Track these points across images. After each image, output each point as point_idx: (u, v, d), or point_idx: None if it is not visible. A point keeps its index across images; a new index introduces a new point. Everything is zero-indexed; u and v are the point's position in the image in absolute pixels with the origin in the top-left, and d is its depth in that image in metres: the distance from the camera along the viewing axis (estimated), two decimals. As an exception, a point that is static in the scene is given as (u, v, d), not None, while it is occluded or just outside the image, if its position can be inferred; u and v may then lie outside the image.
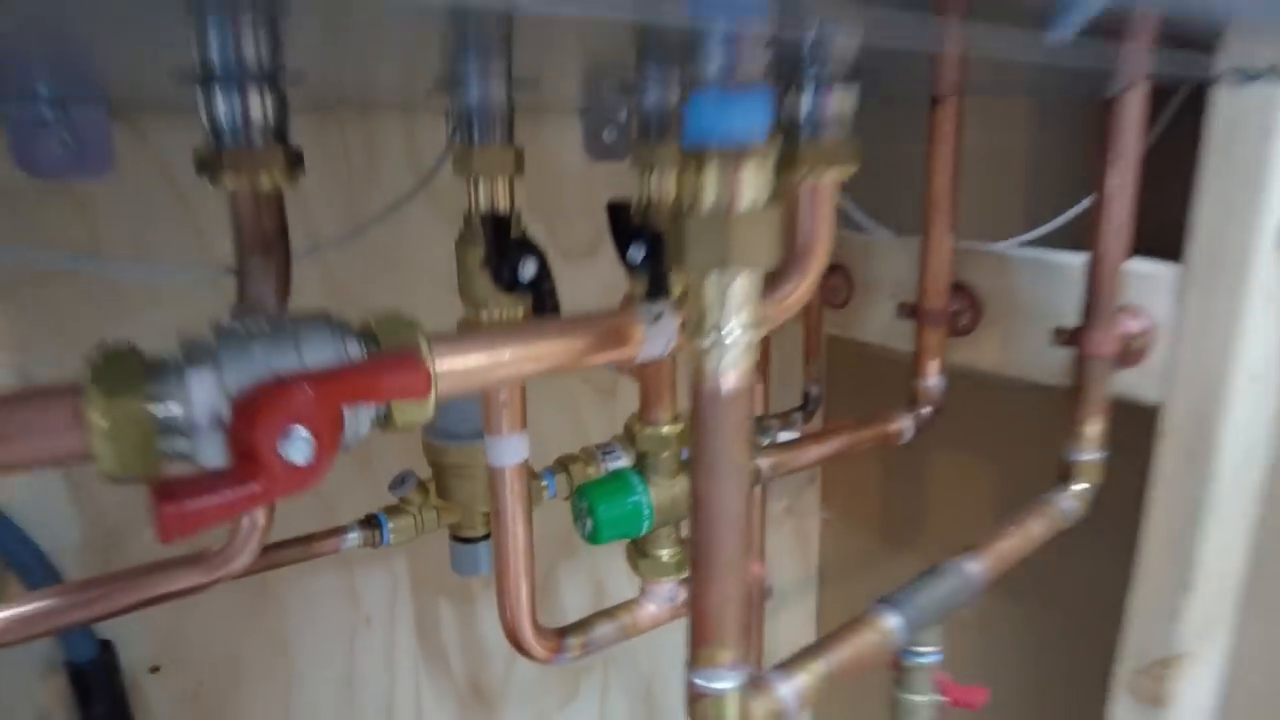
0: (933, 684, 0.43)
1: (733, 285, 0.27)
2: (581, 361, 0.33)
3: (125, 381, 0.22)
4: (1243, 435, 0.51)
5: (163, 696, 0.59)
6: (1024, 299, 0.58)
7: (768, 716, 0.33)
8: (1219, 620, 0.56)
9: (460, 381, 0.28)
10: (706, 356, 0.28)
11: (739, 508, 0.30)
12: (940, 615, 0.41)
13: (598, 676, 0.82)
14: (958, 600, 0.42)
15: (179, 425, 0.22)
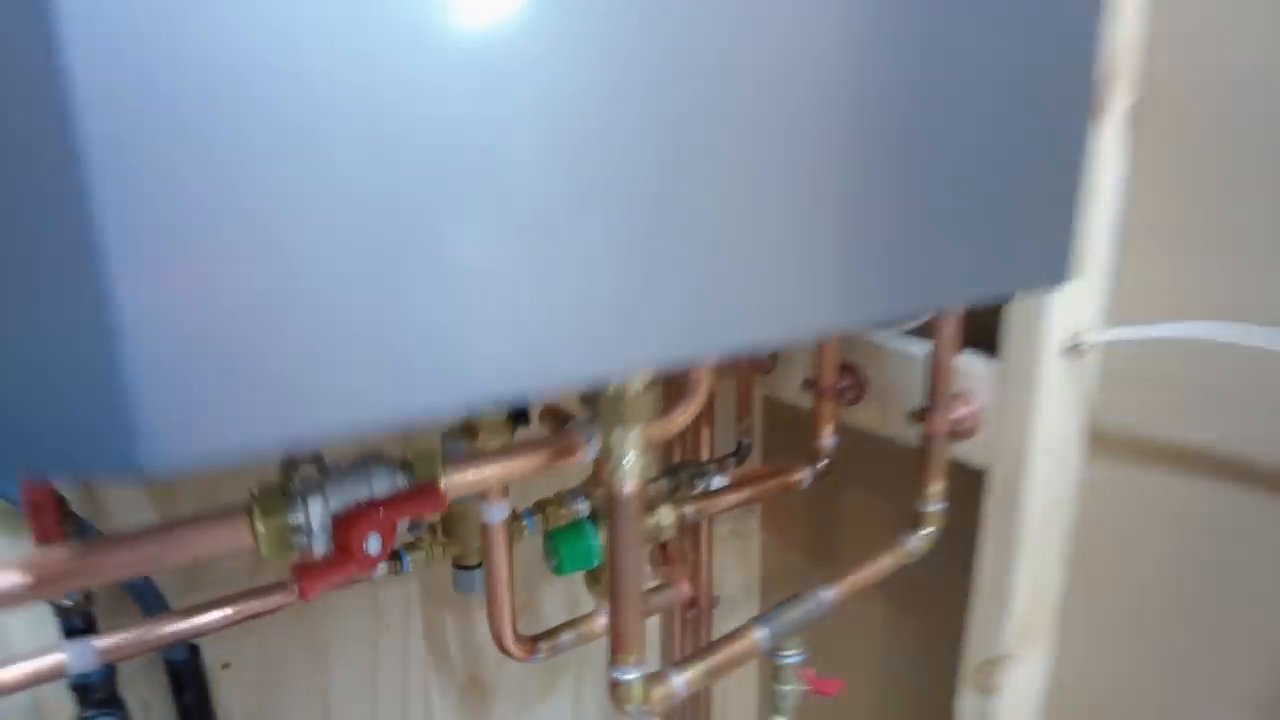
0: (797, 677, 0.60)
1: (628, 434, 0.44)
2: (545, 469, 0.50)
3: (274, 504, 0.40)
4: (1042, 493, 0.68)
5: (232, 687, 0.77)
6: (891, 381, 0.75)
7: (661, 698, 0.50)
8: (1038, 628, 0.74)
9: (464, 490, 0.46)
10: (613, 474, 0.45)
11: (636, 564, 0.47)
12: (799, 629, 0.59)
13: (573, 672, 0.99)
14: (812, 618, 0.60)
15: (303, 530, 0.40)
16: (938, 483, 0.70)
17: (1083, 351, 0.65)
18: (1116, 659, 0.73)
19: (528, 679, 0.96)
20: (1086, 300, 0.65)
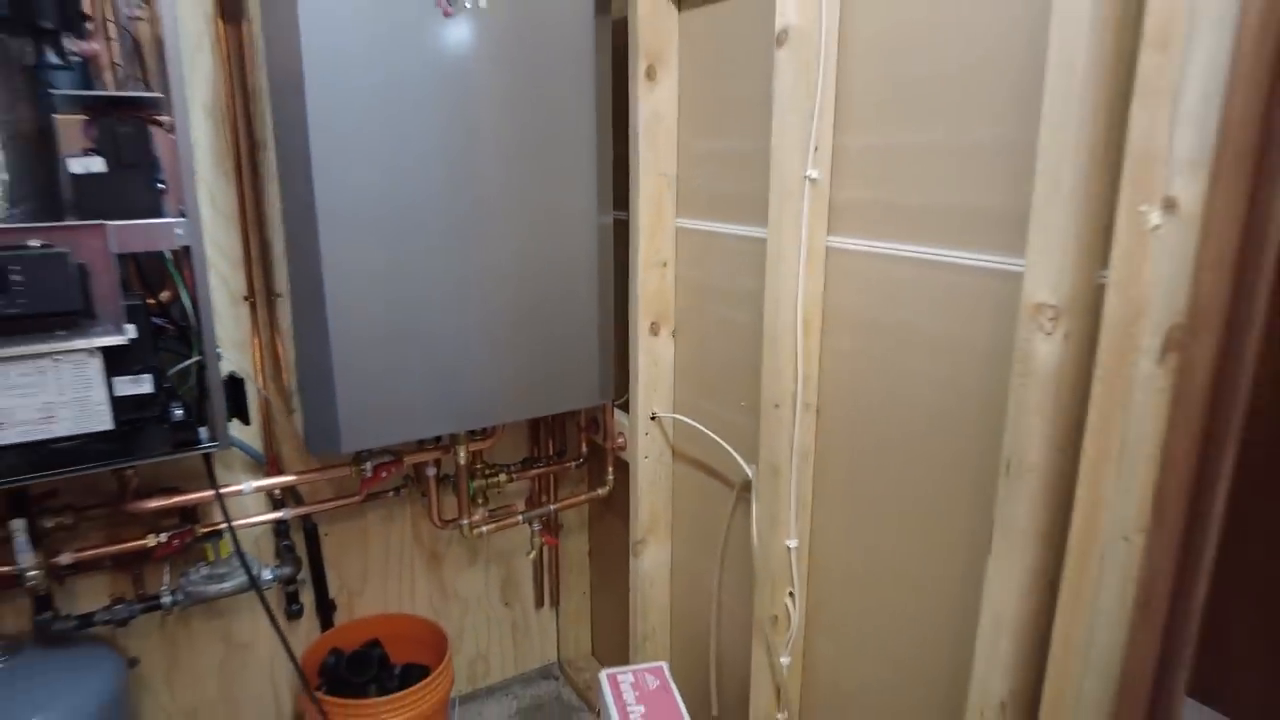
0: (540, 536, 1.65)
1: (461, 446, 1.50)
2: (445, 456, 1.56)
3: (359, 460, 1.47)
4: (647, 471, 1.72)
5: (327, 544, 1.83)
6: (607, 428, 1.80)
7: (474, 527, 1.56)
8: (657, 530, 1.77)
9: (422, 458, 1.52)
10: (457, 460, 1.51)
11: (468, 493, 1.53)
12: (544, 518, 1.64)
13: (484, 546, 2.05)
14: (548, 515, 1.65)
15: (365, 468, 1.46)
16: (610, 468, 1.74)
17: (657, 418, 1.68)
18: (689, 547, 1.75)
19: (460, 553, 2.02)
20: (662, 390, 1.68)
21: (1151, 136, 0.74)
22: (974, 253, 0.99)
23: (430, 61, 1.30)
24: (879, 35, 1.09)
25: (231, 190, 1.58)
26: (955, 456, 1.05)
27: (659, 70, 1.49)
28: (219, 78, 1.52)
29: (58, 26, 1.13)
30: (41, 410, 1.13)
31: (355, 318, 1.33)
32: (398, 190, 1.33)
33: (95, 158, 1.12)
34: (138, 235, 1.15)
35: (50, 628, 1.48)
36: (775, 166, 1.21)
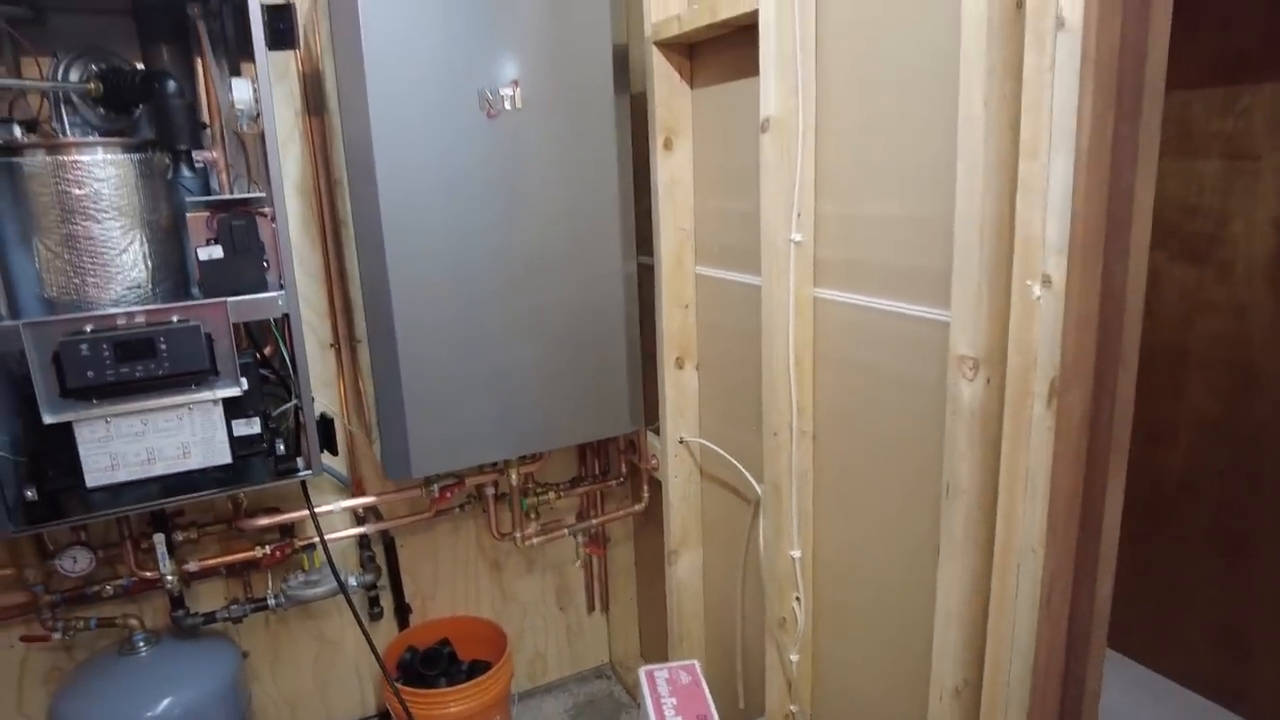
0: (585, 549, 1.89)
1: (514, 470, 1.75)
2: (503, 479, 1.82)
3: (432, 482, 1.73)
4: (678, 489, 1.93)
5: (403, 554, 2.11)
6: (640, 449, 2.02)
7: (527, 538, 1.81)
8: (688, 542, 1.99)
9: (481, 480, 1.78)
10: (509, 481, 1.76)
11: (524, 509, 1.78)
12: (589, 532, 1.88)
13: (539, 565, 2.30)
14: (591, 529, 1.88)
15: (432, 490, 1.72)
16: (646, 486, 1.97)
17: (685, 442, 1.90)
18: (717, 557, 1.96)
19: (517, 561, 2.27)
20: (688, 416, 1.90)
21: (1030, 226, 0.93)
22: (920, 305, 1.19)
23: (479, 151, 1.56)
24: (846, 125, 1.29)
25: (318, 254, 1.88)
26: (918, 477, 1.24)
27: (675, 141, 1.72)
28: (306, 161, 1.82)
29: (189, 146, 1.43)
30: (179, 448, 1.42)
31: (423, 363, 1.59)
32: (455, 254, 1.59)
33: (216, 247, 1.42)
34: (249, 308, 1.44)
35: (183, 623, 1.78)
36: (764, 229, 1.43)
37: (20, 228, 1.40)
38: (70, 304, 1.41)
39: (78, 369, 1.32)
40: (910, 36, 1.15)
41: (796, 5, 1.30)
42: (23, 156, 1.37)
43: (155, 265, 1.45)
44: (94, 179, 1.38)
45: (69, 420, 1.36)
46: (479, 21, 1.53)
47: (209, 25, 1.54)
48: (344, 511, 1.98)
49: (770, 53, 1.34)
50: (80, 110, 1.52)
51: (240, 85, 1.42)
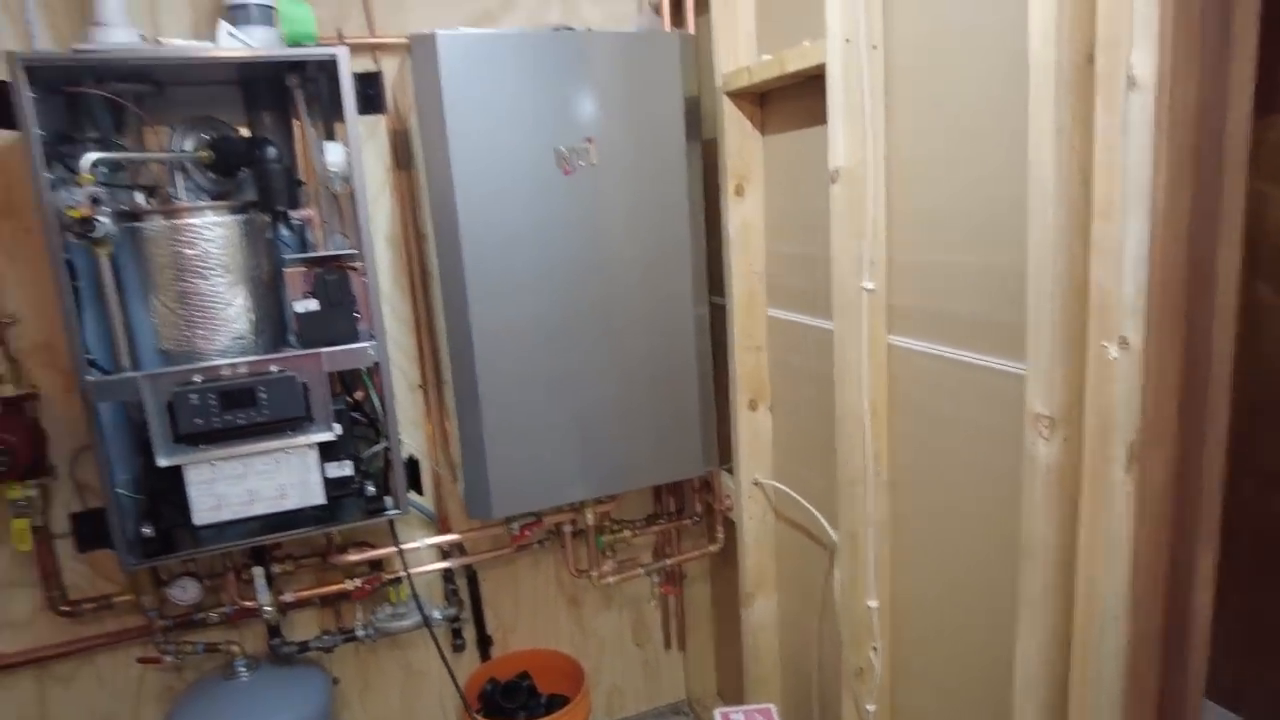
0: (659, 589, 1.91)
1: (587, 510, 1.79)
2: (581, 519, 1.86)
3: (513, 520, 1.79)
4: (753, 531, 1.93)
5: (485, 586, 2.17)
6: (716, 490, 2.03)
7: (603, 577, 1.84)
8: (764, 584, 1.97)
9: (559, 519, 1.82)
10: (585, 519, 1.79)
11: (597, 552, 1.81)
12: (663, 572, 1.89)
13: (616, 592, 2.33)
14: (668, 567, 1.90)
15: (512, 527, 1.77)
16: (720, 527, 1.97)
17: (760, 484, 1.90)
18: (793, 600, 1.94)
19: (594, 596, 2.30)
20: (761, 458, 1.89)
21: (1106, 286, 0.91)
22: (995, 357, 1.16)
23: (556, 205, 1.62)
24: (917, 174, 1.28)
25: (407, 301, 1.97)
26: (996, 530, 1.21)
27: (746, 187, 1.74)
28: (396, 214, 1.92)
29: (287, 207, 1.54)
30: (277, 490, 1.52)
31: (503, 407, 1.65)
32: (533, 302, 1.65)
33: (312, 300, 1.51)
34: (343, 358, 1.53)
35: (279, 650, 1.88)
36: (835, 277, 1.42)
37: (141, 286, 1.52)
38: (182, 355, 1.52)
39: (188, 417, 1.42)
40: (980, 87, 1.14)
41: (864, 58, 1.31)
42: (144, 222, 1.49)
43: (257, 317, 1.55)
44: (203, 239, 1.50)
45: (180, 463, 1.46)
46: (555, 84, 1.59)
47: (306, 92, 1.65)
48: (430, 546, 2.05)
49: (838, 105, 1.35)
50: (192, 175, 1.64)
51: (333, 149, 1.52)
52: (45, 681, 1.91)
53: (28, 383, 1.73)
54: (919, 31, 1.25)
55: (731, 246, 1.75)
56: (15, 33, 1.67)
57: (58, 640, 1.88)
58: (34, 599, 1.84)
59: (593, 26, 1.99)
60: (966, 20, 1.15)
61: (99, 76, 1.56)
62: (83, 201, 1.38)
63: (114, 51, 1.45)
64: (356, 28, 1.86)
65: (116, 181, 1.59)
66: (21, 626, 1.86)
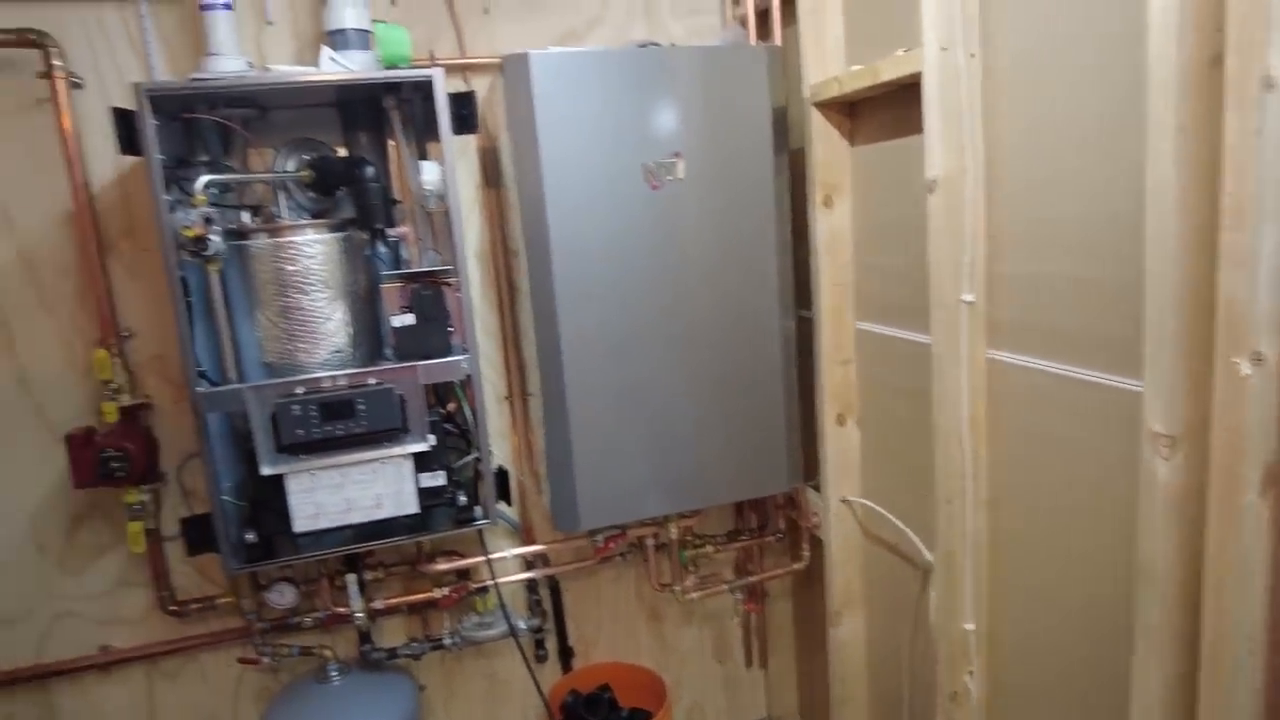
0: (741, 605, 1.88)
1: (672, 523, 1.78)
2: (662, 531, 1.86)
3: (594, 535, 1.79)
4: (839, 548, 1.88)
5: (567, 597, 2.18)
6: (800, 507, 2.00)
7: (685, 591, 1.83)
8: (852, 603, 1.93)
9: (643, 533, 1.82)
10: (668, 533, 1.79)
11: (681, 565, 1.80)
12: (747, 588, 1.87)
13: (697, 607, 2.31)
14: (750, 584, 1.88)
15: (597, 539, 1.78)
16: (806, 544, 1.94)
17: (848, 502, 1.86)
18: (881, 620, 1.89)
19: (673, 613, 2.29)
20: (850, 475, 1.86)
21: (1235, 299, 0.86)
22: (1107, 373, 1.11)
23: (644, 220, 1.63)
24: (1019, 183, 1.24)
25: (495, 315, 2.01)
26: (1107, 554, 1.16)
27: (835, 198, 1.72)
28: (485, 230, 1.96)
29: (384, 224, 1.59)
30: (373, 499, 1.56)
31: (590, 421, 1.66)
32: (621, 316, 1.66)
33: (408, 315, 1.55)
34: (437, 371, 1.56)
35: (370, 656, 1.93)
36: (933, 290, 1.39)
37: (246, 301, 1.59)
38: (284, 368, 1.58)
39: (290, 427, 1.48)
40: (1089, 91, 1.10)
41: (962, 66, 1.28)
42: (250, 240, 1.56)
43: (355, 331, 1.61)
44: (305, 256, 1.56)
45: (282, 472, 1.52)
46: (643, 100, 1.60)
47: (401, 113, 1.70)
48: (515, 557, 2.08)
49: (935, 114, 1.32)
50: (294, 194, 1.71)
51: (429, 168, 1.56)
52: (154, 676, 2.01)
53: (142, 393, 1.83)
54: (1020, 38, 1.21)
55: (819, 258, 1.73)
56: (137, 64, 1.78)
57: (166, 638, 1.97)
58: (145, 598, 1.94)
59: (677, 41, 2.01)
60: (1073, 25, 1.11)
61: (210, 102, 1.64)
62: (197, 221, 1.45)
63: (228, 79, 1.52)
64: (448, 49, 1.91)
65: (224, 201, 1.67)
66: (134, 624, 1.96)
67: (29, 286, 1.79)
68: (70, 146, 1.69)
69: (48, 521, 1.87)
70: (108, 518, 1.89)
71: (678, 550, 2.01)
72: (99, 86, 1.76)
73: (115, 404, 1.75)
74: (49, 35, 1.65)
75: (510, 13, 1.94)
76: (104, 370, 1.75)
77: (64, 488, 1.83)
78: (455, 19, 1.90)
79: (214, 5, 1.67)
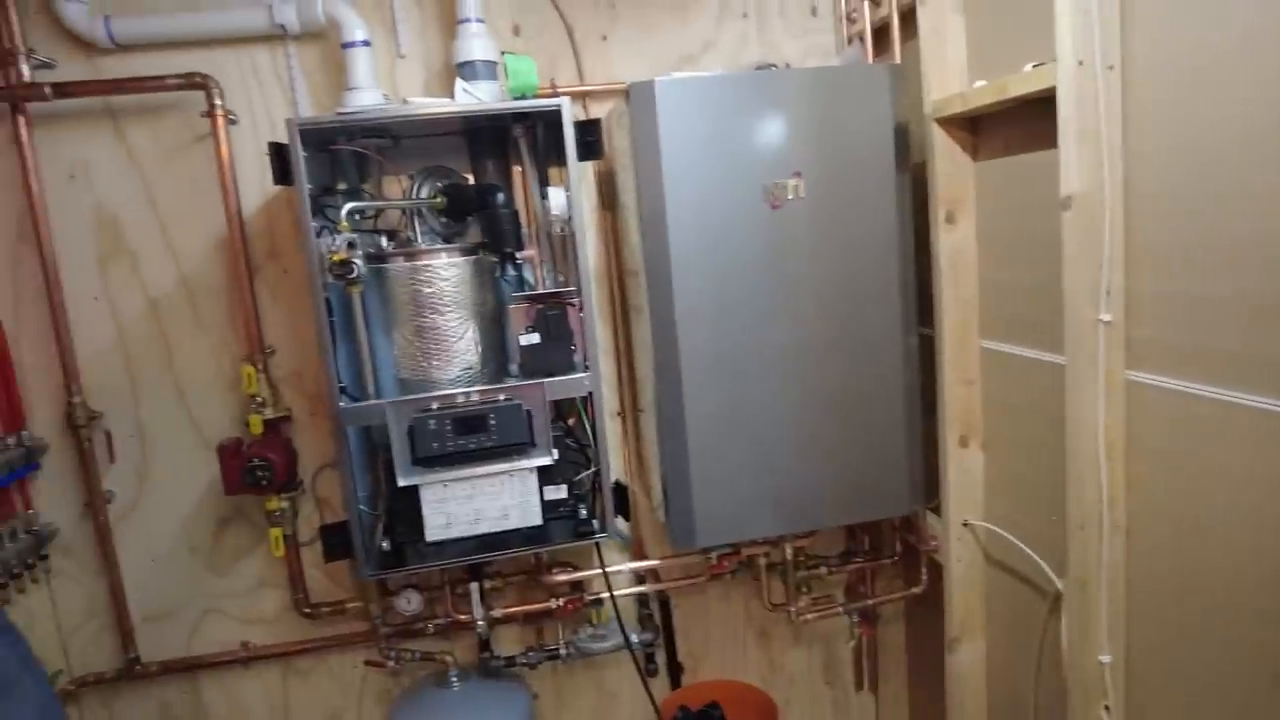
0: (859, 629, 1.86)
1: (788, 544, 1.78)
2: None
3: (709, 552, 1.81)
4: (960, 573, 1.84)
5: (677, 614, 2.20)
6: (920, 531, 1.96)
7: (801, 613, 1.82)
8: (970, 628, 1.87)
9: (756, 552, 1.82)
10: (785, 553, 1.79)
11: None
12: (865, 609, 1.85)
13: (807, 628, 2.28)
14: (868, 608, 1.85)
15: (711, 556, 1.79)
16: (924, 568, 1.90)
17: (970, 526, 1.81)
18: (1003, 648, 1.83)
19: (784, 628, 2.27)
20: (972, 498, 1.81)
21: None
22: (1268, 397, 1.06)
23: (763, 239, 1.64)
24: (1164, 198, 1.20)
25: (609, 330, 2.05)
26: (1267, 590, 1.10)
27: (958, 214, 1.69)
28: (600, 251, 2.02)
29: (514, 249, 1.65)
30: (500, 510, 1.62)
31: (708, 440, 1.68)
32: (740, 335, 1.67)
33: (534, 334, 1.61)
34: (561, 387, 1.62)
35: (488, 664, 1.99)
36: (1068, 309, 1.35)
37: (383, 321, 1.68)
38: (418, 384, 1.66)
39: (426, 440, 1.55)
40: (1246, 104, 1.05)
41: (1100, 79, 1.25)
42: (388, 263, 1.65)
43: (484, 349, 1.68)
44: (440, 279, 1.64)
45: (417, 483, 1.60)
46: (763, 122, 1.62)
47: (527, 140, 1.77)
48: (627, 571, 2.11)
49: (1070, 129, 1.29)
50: (426, 219, 1.80)
51: (556, 194, 1.62)
52: (288, 674, 2.13)
53: (283, 406, 1.95)
54: (1164, 49, 1.18)
55: (942, 275, 1.70)
56: (283, 99, 1.91)
57: (299, 638, 2.09)
58: (282, 599, 2.06)
59: (791, 61, 2.02)
60: (1222, 36, 1.07)
61: (350, 134, 1.75)
62: (342, 246, 1.55)
63: (372, 111, 1.62)
64: (568, 76, 1.98)
65: (363, 227, 1.77)
66: (271, 623, 2.08)
67: (187, 306, 1.94)
68: (227, 178, 1.83)
69: (198, 524, 2.02)
70: (249, 522, 2.02)
71: (792, 571, 2.00)
72: (250, 122, 1.91)
73: (260, 417, 1.87)
74: (211, 77, 1.79)
75: (627, 39, 2.00)
76: (250, 385, 1.88)
77: (212, 493, 1.97)
78: (575, 47, 1.97)
79: (354, 42, 1.79)
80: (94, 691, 2.02)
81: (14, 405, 1.85)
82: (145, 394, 1.95)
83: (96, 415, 1.91)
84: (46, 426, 1.92)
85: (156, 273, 1.92)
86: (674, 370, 1.65)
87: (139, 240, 1.91)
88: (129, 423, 1.96)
